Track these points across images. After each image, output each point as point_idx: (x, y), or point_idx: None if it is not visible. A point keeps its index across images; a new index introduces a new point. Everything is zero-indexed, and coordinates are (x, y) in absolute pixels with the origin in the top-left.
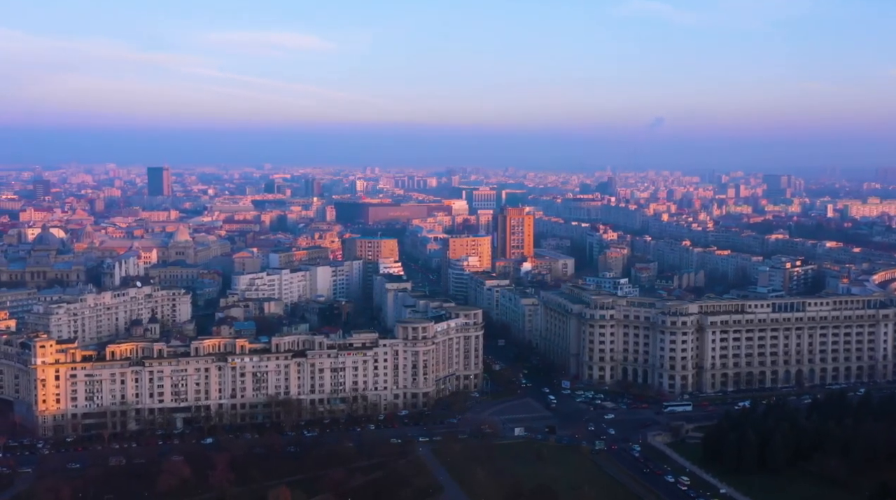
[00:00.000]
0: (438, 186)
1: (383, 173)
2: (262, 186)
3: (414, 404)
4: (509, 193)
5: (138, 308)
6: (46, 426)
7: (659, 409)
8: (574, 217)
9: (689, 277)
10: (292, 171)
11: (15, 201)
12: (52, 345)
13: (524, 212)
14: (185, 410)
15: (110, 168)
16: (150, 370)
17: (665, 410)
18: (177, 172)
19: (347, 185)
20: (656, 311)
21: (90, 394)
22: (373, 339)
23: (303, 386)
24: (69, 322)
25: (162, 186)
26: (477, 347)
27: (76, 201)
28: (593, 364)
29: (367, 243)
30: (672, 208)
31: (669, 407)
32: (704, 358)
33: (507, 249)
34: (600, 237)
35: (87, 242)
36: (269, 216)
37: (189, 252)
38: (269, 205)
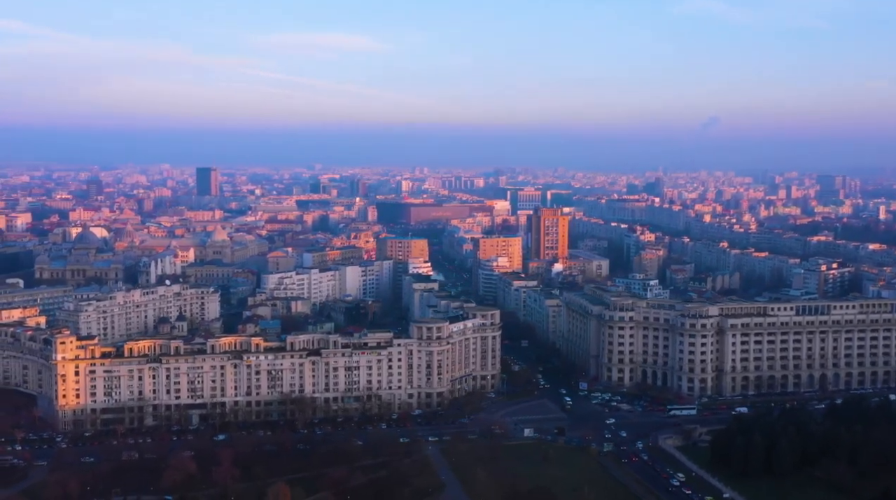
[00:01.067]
0: (485, 187)
1: (432, 174)
2: (308, 186)
3: (428, 403)
4: (554, 194)
5: (167, 306)
6: (66, 420)
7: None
8: (617, 218)
9: (724, 278)
10: (341, 171)
11: (68, 201)
12: (72, 341)
13: (558, 213)
14: (201, 406)
15: (164, 169)
16: (166, 367)
17: (669, 413)
18: (228, 172)
19: (394, 185)
20: (676, 313)
21: (109, 390)
22: (387, 338)
23: (317, 385)
24: (98, 319)
25: (210, 186)
26: (494, 347)
27: (125, 201)
28: (612, 366)
29: (397, 243)
30: (718, 209)
31: (673, 410)
32: (724, 361)
33: (542, 249)
34: (637, 238)
35: (127, 242)
36: (312, 216)
37: (226, 251)
38: (313, 205)
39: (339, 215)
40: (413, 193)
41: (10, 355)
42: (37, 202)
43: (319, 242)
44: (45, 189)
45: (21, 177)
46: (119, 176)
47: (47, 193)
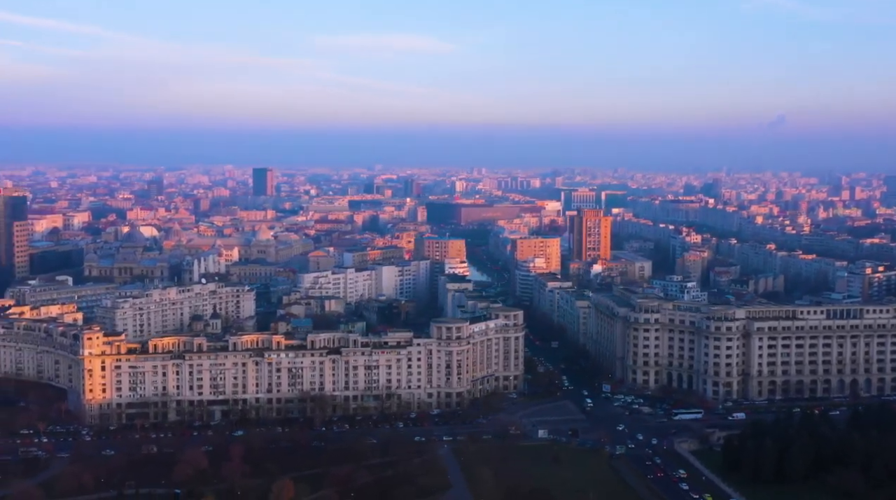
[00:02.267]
0: (541, 188)
1: (489, 174)
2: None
3: (448, 403)
4: (609, 195)
5: (202, 304)
6: (93, 414)
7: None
8: (670, 219)
9: (767, 281)
10: (399, 172)
11: (128, 201)
12: (98, 337)
13: (601, 214)
14: (223, 403)
15: (227, 169)
16: (189, 364)
17: (674, 417)
18: (289, 172)
19: (448, 186)
20: (701, 316)
21: (134, 385)
22: (407, 338)
23: (337, 383)
24: (134, 316)
25: (266, 186)
26: (517, 348)
27: (182, 201)
28: (637, 368)
29: (435, 244)
30: (774, 211)
31: (679, 414)
32: (751, 365)
33: (584, 250)
34: (683, 240)
35: (174, 240)
36: (362, 216)
37: (270, 250)
38: (365, 205)
39: (390, 216)
40: (466, 193)
41: (44, 350)
42: (98, 202)
43: (362, 242)
44: (110, 189)
45: (89, 177)
46: (182, 176)
47: (110, 192)
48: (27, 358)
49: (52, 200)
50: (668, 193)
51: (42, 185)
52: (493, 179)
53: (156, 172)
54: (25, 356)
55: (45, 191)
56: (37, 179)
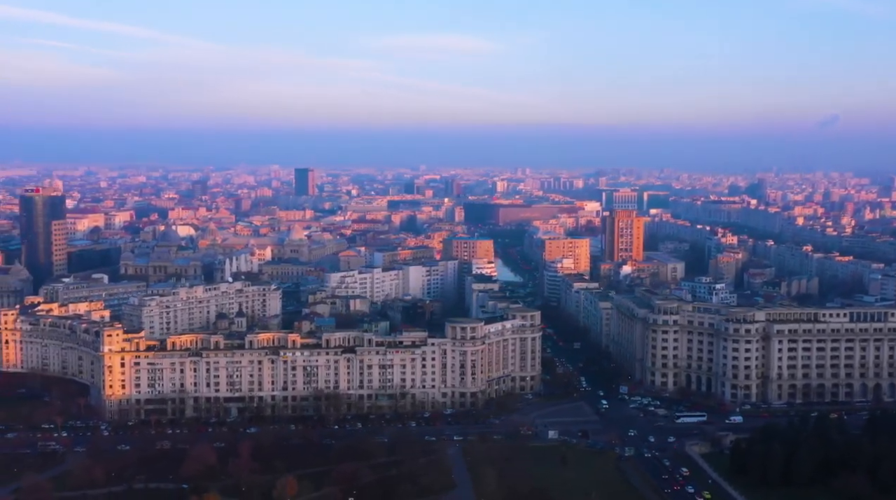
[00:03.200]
0: (584, 188)
1: (533, 175)
2: (403, 187)
3: (462, 403)
4: (651, 195)
5: (229, 302)
6: (112, 409)
7: (718, 418)
8: (711, 220)
9: (801, 283)
10: (443, 172)
11: (172, 200)
12: (118, 334)
13: (633, 214)
14: (239, 400)
15: (273, 169)
16: (206, 361)
17: (677, 420)
18: (333, 172)
19: (490, 186)
20: (720, 317)
21: (152, 381)
22: (422, 337)
23: (352, 382)
24: (161, 314)
25: (307, 186)
26: (534, 348)
27: (224, 201)
28: (655, 370)
29: (462, 244)
30: (819, 212)
31: (682, 417)
32: (770, 368)
33: (615, 251)
34: (718, 241)
35: (209, 240)
36: (400, 216)
37: (303, 250)
38: (404, 205)
39: (427, 216)
40: (506, 193)
41: (68, 347)
42: (143, 201)
43: (394, 241)
44: (157, 189)
45: (139, 177)
46: (228, 176)
47: (156, 192)
48: (52, 354)
49: (99, 200)
50: (712, 194)
51: (92, 185)
52: (535, 180)
53: (203, 172)
54: (51, 352)
55: (94, 191)
56: (88, 180)
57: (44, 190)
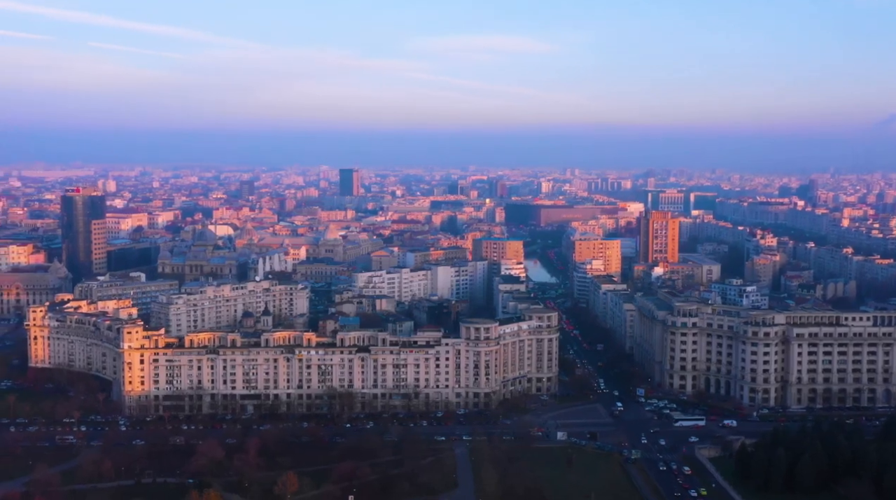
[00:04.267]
0: (632, 189)
1: (582, 175)
2: (447, 187)
3: (476, 403)
4: (698, 196)
5: (256, 301)
6: (132, 405)
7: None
8: (757, 221)
9: (837, 286)
10: (491, 172)
11: (218, 201)
12: (138, 332)
13: (668, 215)
14: (255, 397)
15: (322, 170)
16: (223, 359)
17: (675, 424)
18: (382, 173)
19: (535, 186)
20: (740, 320)
21: (170, 378)
22: (436, 337)
23: (366, 381)
24: (188, 312)
25: (352, 187)
26: (551, 349)
27: (269, 201)
28: (674, 373)
29: (492, 245)
30: (868, 213)
31: (679, 421)
32: (790, 372)
33: (650, 253)
34: (757, 243)
35: (246, 239)
36: (441, 217)
37: (338, 250)
38: (446, 206)
39: (468, 216)
40: (551, 194)
41: (93, 343)
42: (190, 201)
43: (428, 242)
44: (207, 189)
45: (191, 178)
46: (278, 177)
47: (205, 193)
48: (78, 350)
49: (148, 200)
50: (761, 195)
51: (145, 185)
52: (583, 181)
53: (254, 172)
54: (77, 348)
55: (145, 191)
56: (142, 180)
57: (84, 190)
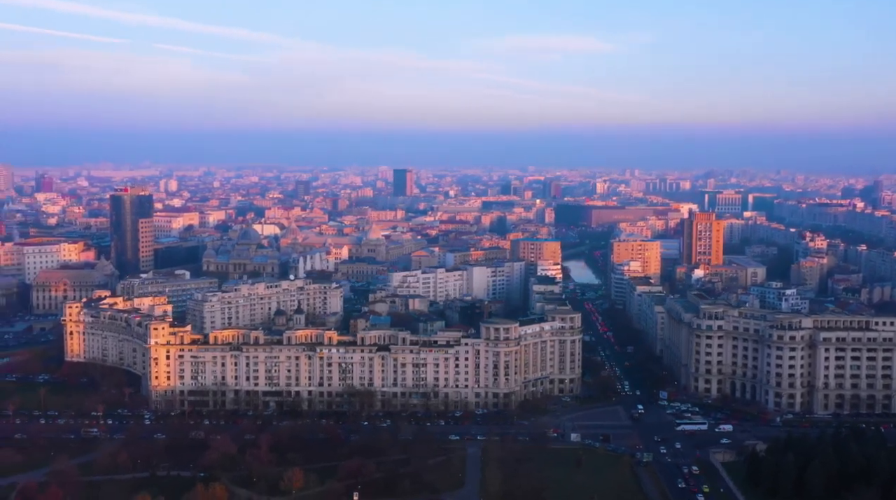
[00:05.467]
0: (691, 190)
1: (642, 176)
2: (499, 188)
3: (495, 403)
4: (757, 197)
5: (290, 299)
6: (158, 399)
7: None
8: (814, 223)
9: (885, 290)
10: (549, 173)
11: (273, 200)
12: (164, 328)
13: (712, 217)
14: (277, 394)
15: (381, 170)
16: (246, 355)
17: (677, 428)
18: (440, 173)
19: (591, 187)
20: (766, 324)
21: (195, 374)
22: (456, 337)
23: (386, 379)
24: (222, 310)
25: (405, 187)
26: (573, 351)
27: (322, 200)
28: (699, 376)
29: (529, 245)
30: None
31: (682, 425)
32: (816, 377)
33: (693, 254)
34: (806, 245)
35: (290, 239)
36: (490, 217)
37: (380, 249)
38: (496, 206)
39: (517, 217)
40: (605, 195)
41: (125, 339)
42: (245, 201)
43: (469, 242)
44: (264, 189)
45: (252, 177)
46: (337, 177)
47: (262, 192)
48: (111, 345)
49: (206, 199)
50: (823, 197)
51: (207, 184)
52: (641, 181)
53: (313, 172)
54: (110, 343)
55: (205, 190)
56: (205, 180)
57: (132, 190)
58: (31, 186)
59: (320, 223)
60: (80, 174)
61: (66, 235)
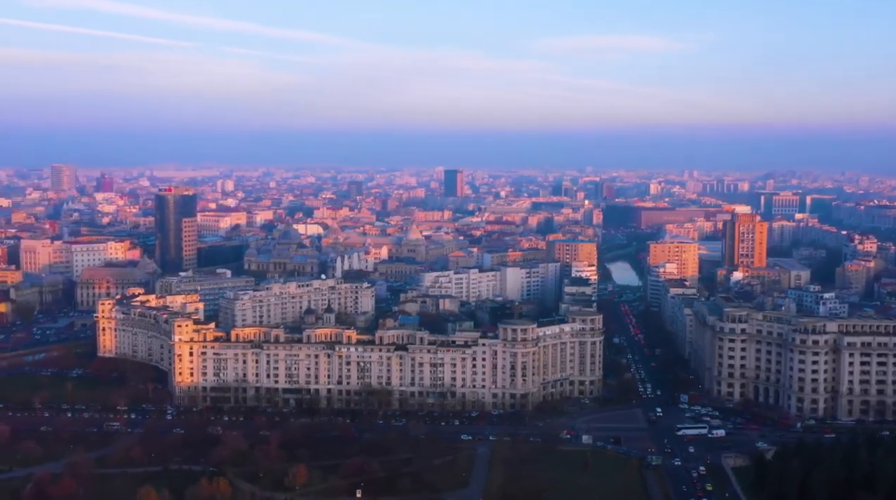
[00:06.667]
0: (749, 191)
1: (701, 177)
2: (551, 189)
3: (512, 404)
4: (815, 199)
5: (321, 298)
6: (181, 395)
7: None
8: (873, 225)
9: None
10: (606, 173)
11: (325, 200)
12: (188, 325)
13: (755, 219)
14: (296, 391)
15: (436, 171)
16: (266, 353)
17: (678, 433)
18: (496, 173)
19: (645, 188)
20: (789, 327)
21: (217, 370)
22: (474, 337)
23: (403, 379)
24: (254, 308)
25: (456, 188)
26: (594, 353)
27: (372, 201)
28: (722, 380)
29: (565, 247)
30: None
31: (683, 430)
32: (840, 382)
33: (736, 256)
34: (854, 247)
35: (332, 238)
36: (537, 218)
37: (420, 250)
38: (546, 207)
39: (565, 218)
40: (658, 196)
41: (153, 335)
42: (297, 201)
43: (509, 243)
44: (318, 189)
45: (308, 178)
46: (391, 178)
47: (316, 192)
48: (140, 342)
49: (260, 199)
50: (886, 198)
51: (264, 185)
52: (698, 182)
53: (369, 173)
54: (139, 340)
55: (261, 190)
56: (263, 180)
57: (176, 190)
58: (93, 187)
59: (366, 223)
60: (143, 175)
61: (115, 234)
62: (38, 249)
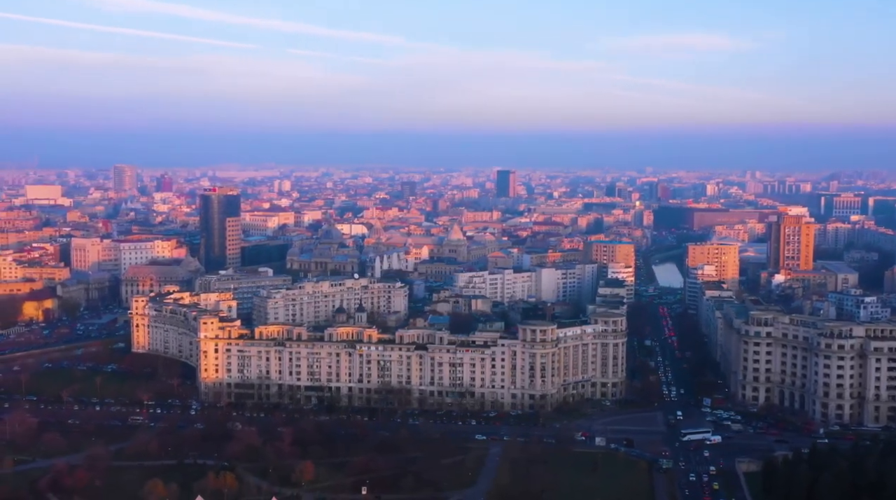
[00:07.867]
0: (811, 192)
1: (763, 177)
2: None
3: (531, 405)
4: (878, 201)
5: (354, 298)
6: (207, 391)
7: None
8: None
9: None
10: (665, 174)
11: (376, 201)
12: (214, 322)
13: (801, 221)
14: (318, 389)
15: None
16: (289, 351)
17: (683, 438)
18: (553, 173)
19: (702, 189)
20: (815, 332)
21: (241, 367)
22: (493, 337)
23: (423, 378)
24: (286, 307)
25: (508, 188)
26: (616, 354)
27: (423, 202)
28: (747, 384)
29: (602, 248)
30: None
31: (688, 435)
32: (867, 388)
33: (781, 259)
34: None
35: (374, 238)
36: (587, 219)
37: (461, 250)
38: (597, 208)
39: (615, 219)
40: (715, 197)
41: (183, 332)
42: (349, 201)
43: (550, 243)
44: (373, 190)
45: (366, 178)
46: (447, 178)
47: (370, 193)
48: (171, 338)
49: (314, 199)
50: None
51: (321, 185)
52: (759, 183)
53: (425, 173)
54: (170, 336)
55: (317, 190)
56: (321, 180)
57: (220, 190)
58: (154, 186)
59: (412, 223)
60: (205, 175)
61: (164, 232)
62: (88, 247)
